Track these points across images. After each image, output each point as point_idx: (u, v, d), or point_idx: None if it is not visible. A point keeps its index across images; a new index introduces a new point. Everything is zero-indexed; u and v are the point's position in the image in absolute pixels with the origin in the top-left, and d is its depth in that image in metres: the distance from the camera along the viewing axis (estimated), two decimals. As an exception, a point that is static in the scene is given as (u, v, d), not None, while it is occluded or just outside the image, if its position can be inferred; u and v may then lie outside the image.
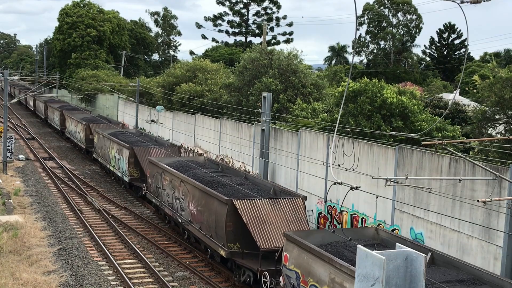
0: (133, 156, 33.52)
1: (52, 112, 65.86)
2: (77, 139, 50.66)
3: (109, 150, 38.40)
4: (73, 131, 52.94)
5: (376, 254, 8.08)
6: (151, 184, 29.24)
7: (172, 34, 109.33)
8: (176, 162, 28.40)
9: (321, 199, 24.27)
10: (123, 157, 34.82)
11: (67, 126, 56.28)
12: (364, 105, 24.16)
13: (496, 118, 21.51)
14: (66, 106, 66.59)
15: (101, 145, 41.18)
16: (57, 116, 61.70)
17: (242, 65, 36.51)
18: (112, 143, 37.77)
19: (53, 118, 65.05)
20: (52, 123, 65.82)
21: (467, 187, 17.30)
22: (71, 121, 53.71)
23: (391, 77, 76.13)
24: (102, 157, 40.82)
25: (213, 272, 22.01)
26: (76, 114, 55.79)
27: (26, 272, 20.66)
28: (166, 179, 26.65)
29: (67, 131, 56.46)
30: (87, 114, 56.94)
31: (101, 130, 42.97)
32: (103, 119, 53.01)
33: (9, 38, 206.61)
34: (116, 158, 36.88)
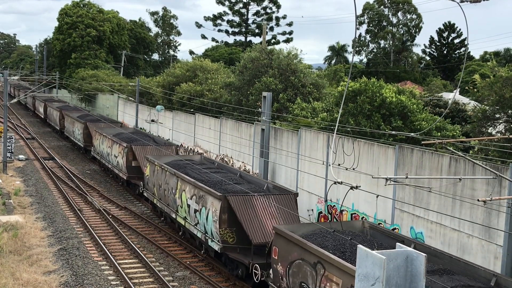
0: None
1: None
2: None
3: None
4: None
5: (377, 254, 8.08)
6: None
7: (172, 34, 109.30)
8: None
9: (321, 199, 24.27)
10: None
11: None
12: (364, 104, 24.16)
13: (496, 117, 21.50)
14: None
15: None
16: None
17: (242, 65, 36.51)
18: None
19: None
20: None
21: (467, 186, 17.30)
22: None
23: (391, 76, 76.10)
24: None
25: (213, 272, 22.01)
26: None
27: (27, 272, 20.65)
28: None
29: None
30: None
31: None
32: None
33: (9, 38, 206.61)
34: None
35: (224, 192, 21.16)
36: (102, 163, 40.64)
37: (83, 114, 54.67)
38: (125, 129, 44.41)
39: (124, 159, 34.38)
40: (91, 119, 48.84)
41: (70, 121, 53.21)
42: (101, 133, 40.36)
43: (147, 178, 29.29)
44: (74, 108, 61.89)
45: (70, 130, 52.51)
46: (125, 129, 44.34)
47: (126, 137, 38.12)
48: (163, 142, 37.25)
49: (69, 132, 53.21)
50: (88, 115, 52.92)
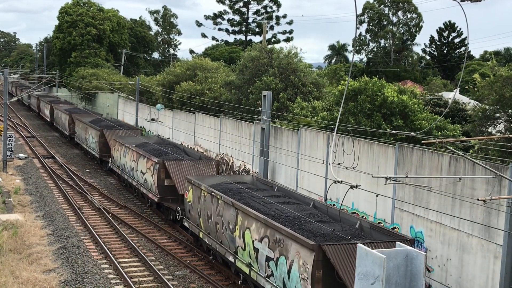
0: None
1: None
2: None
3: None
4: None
5: (377, 253, 8.09)
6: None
7: (172, 33, 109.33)
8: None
9: (321, 198, 24.27)
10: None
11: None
12: (364, 103, 24.16)
13: (496, 117, 21.49)
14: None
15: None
16: None
17: (242, 64, 36.50)
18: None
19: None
20: None
21: (467, 186, 17.30)
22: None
23: (391, 75, 76.09)
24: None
25: (213, 271, 22.02)
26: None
27: (26, 271, 20.66)
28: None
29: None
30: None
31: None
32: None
33: (9, 36, 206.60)
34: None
35: (317, 240, 15.99)
36: (124, 178, 34.59)
37: (96, 119, 49.12)
38: (148, 138, 37.91)
39: (155, 177, 28.20)
40: (107, 126, 43.52)
41: (82, 127, 47.50)
42: (122, 144, 34.70)
43: (190, 205, 23.89)
44: (85, 112, 56.26)
45: (82, 137, 47.04)
46: (148, 138, 37.90)
47: (153, 149, 32.04)
48: (197, 156, 31.16)
49: (81, 139, 47.70)
50: (102, 120, 47.44)
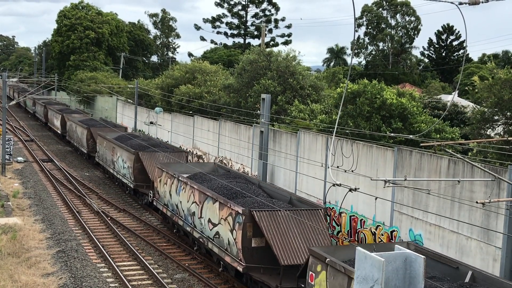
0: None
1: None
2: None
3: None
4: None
5: (375, 256, 8.08)
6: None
7: (170, 36, 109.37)
8: None
9: (320, 201, 24.26)
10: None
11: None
12: (363, 106, 24.17)
13: (495, 119, 21.51)
14: None
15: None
16: None
17: (240, 67, 36.52)
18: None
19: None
20: None
21: (466, 188, 17.30)
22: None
23: (389, 78, 76.09)
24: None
25: (212, 274, 21.99)
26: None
27: (25, 275, 20.62)
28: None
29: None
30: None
31: None
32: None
33: (7, 40, 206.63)
34: None
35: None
36: (177, 223, 25.20)
37: (121, 135, 39.33)
38: (202, 165, 28.54)
39: (237, 236, 19.13)
40: (141, 146, 33.28)
41: (107, 146, 38.02)
42: (173, 175, 25.45)
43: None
44: (104, 125, 47.14)
45: (107, 158, 38.08)
46: (201, 165, 28.51)
47: (222, 186, 22.61)
48: (302, 205, 21.50)
49: (105, 160, 38.70)
50: (129, 138, 37.42)
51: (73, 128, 50.31)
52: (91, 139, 44.19)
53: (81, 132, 46.77)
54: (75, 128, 49.25)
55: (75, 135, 49.50)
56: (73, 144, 51.20)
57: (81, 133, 46.68)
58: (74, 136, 50.12)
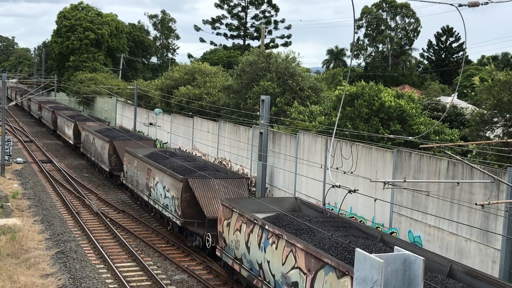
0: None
1: None
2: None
3: None
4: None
5: (375, 257, 8.09)
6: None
7: (170, 37, 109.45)
8: None
9: (319, 202, 24.26)
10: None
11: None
12: (362, 108, 24.19)
13: (494, 121, 21.53)
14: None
15: None
16: None
17: (240, 68, 36.55)
18: None
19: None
20: None
21: (465, 190, 17.31)
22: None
23: (389, 80, 76.19)
24: None
25: (212, 275, 21.99)
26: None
27: (24, 275, 20.62)
28: None
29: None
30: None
31: None
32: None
33: (7, 41, 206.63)
34: None
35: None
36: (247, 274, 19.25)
37: (154, 152, 32.36)
38: (279, 201, 21.21)
39: None
40: (188, 170, 26.62)
41: (139, 166, 30.51)
42: (251, 220, 18.33)
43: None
44: (128, 137, 39.58)
45: (140, 182, 30.09)
46: (278, 202, 21.10)
47: (335, 244, 16.35)
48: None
49: (137, 184, 30.85)
50: (166, 155, 30.99)
51: (90, 140, 42.92)
52: (114, 155, 37.24)
53: (101, 146, 39.34)
54: (93, 140, 41.79)
55: (92, 149, 42.17)
56: (89, 158, 44.22)
57: (102, 147, 39.13)
58: (91, 150, 42.69)
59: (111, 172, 37.68)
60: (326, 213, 19.50)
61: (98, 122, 50.92)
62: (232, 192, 24.00)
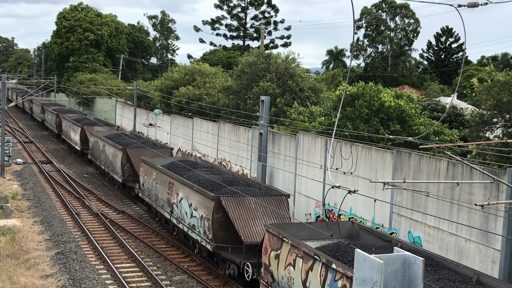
0: None
1: None
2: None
3: None
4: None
5: (374, 258, 8.08)
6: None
7: (170, 38, 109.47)
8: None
9: (319, 203, 24.26)
10: None
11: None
12: (362, 108, 24.19)
13: (494, 122, 21.53)
14: None
15: None
16: None
17: (240, 69, 36.55)
18: None
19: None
20: None
21: (465, 191, 17.31)
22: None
23: (389, 80, 76.20)
24: None
25: (211, 276, 21.98)
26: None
27: (24, 276, 20.61)
28: None
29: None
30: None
31: None
32: None
33: (7, 41, 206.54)
34: None
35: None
36: None
37: (174, 162, 28.66)
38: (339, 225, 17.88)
39: None
40: (217, 184, 23.28)
41: (158, 178, 27.19)
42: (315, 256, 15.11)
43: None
44: (141, 145, 36.04)
45: (161, 196, 26.76)
46: (338, 224, 18.00)
47: None
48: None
49: (156, 199, 27.49)
50: (187, 166, 27.27)
51: (99, 147, 39.66)
52: (127, 164, 33.80)
53: (113, 154, 36.02)
54: (103, 147, 38.53)
55: (102, 156, 38.96)
56: (98, 166, 40.94)
57: (113, 156, 35.81)
58: (101, 158, 39.45)
59: (124, 183, 34.43)
60: (396, 243, 16.12)
61: (106, 126, 47.62)
62: (272, 212, 20.91)
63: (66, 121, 53.95)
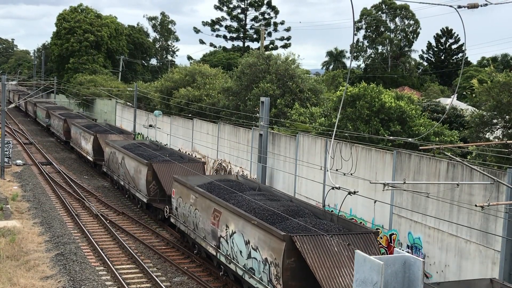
0: None
1: None
2: None
3: None
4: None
5: (375, 259, 8.08)
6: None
7: (169, 39, 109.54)
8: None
9: (319, 204, 24.26)
10: None
11: None
12: (363, 109, 24.19)
13: (494, 123, 21.53)
14: None
15: None
16: None
17: (239, 70, 36.57)
18: None
19: None
20: None
21: (465, 192, 17.31)
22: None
23: (389, 81, 76.20)
24: None
25: (211, 277, 21.97)
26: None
27: (24, 278, 20.60)
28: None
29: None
30: None
31: None
32: None
33: (7, 43, 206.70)
34: None
35: None
36: None
37: (213, 183, 23.92)
38: None
39: None
40: (281, 217, 18.73)
41: (199, 203, 22.33)
42: None
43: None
44: (168, 158, 31.18)
45: (202, 226, 22.13)
46: None
47: None
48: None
49: (196, 228, 22.80)
50: (231, 189, 22.89)
51: (117, 159, 34.95)
52: (153, 181, 29.11)
53: (135, 169, 31.16)
54: (122, 160, 33.63)
55: (121, 170, 34.11)
56: (116, 181, 36.28)
57: (136, 171, 30.95)
58: (119, 171, 34.69)
59: (149, 204, 29.74)
60: None
61: (122, 134, 43.04)
62: (350, 258, 15.68)
63: (75, 128, 49.24)
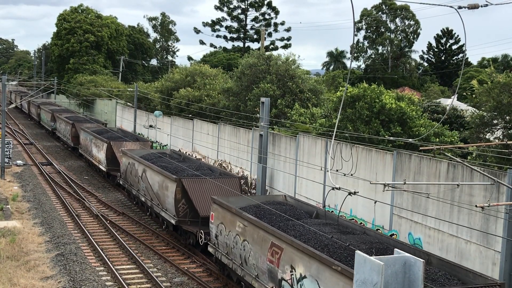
0: None
1: None
2: None
3: None
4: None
5: (375, 260, 8.08)
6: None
7: (170, 40, 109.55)
8: None
9: (319, 204, 24.25)
10: None
11: None
12: (363, 110, 24.19)
13: (494, 123, 21.53)
14: None
15: None
16: None
17: (240, 70, 36.57)
18: None
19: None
20: None
21: (465, 192, 17.31)
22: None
23: (389, 82, 76.21)
24: None
25: (211, 278, 21.97)
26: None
27: (24, 278, 20.60)
28: None
29: None
30: None
31: None
32: None
33: (7, 43, 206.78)
34: None
35: None
36: None
37: (256, 206, 20.04)
38: None
39: None
40: (351, 256, 14.13)
41: (247, 233, 18.31)
42: None
43: None
44: (197, 173, 26.49)
45: (253, 262, 17.81)
46: None
47: None
48: None
49: (247, 262, 18.27)
50: (280, 212, 18.86)
51: (137, 172, 30.65)
52: (183, 199, 24.79)
53: (160, 185, 26.88)
54: (143, 173, 29.35)
55: (142, 185, 29.78)
56: (135, 196, 31.79)
57: (161, 187, 26.68)
58: (139, 186, 30.40)
59: (177, 225, 25.39)
60: None
61: (137, 142, 38.59)
62: None
63: (85, 134, 44.84)
